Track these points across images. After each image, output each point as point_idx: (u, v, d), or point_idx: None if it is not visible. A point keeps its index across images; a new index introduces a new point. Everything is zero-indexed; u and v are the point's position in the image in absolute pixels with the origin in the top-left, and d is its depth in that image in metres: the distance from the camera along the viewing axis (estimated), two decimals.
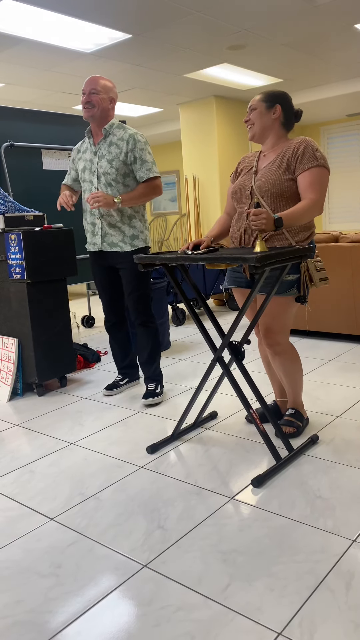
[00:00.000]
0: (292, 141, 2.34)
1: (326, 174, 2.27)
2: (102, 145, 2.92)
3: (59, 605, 1.49)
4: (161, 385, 3.14)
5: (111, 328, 3.23)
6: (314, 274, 2.32)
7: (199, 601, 1.47)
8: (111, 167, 2.87)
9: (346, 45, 5.35)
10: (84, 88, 2.86)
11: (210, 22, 4.49)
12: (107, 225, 2.96)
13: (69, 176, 3.16)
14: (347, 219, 8.99)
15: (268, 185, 2.30)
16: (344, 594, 1.46)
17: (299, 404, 2.58)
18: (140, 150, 2.88)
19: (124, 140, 2.89)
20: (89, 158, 2.96)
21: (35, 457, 2.45)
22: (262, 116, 2.35)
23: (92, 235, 3.04)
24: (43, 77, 5.78)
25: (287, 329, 2.43)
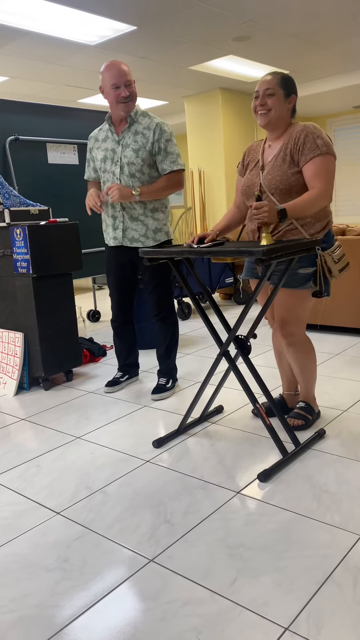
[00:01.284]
0: (293, 130, 2.27)
1: (331, 160, 2.20)
2: (127, 134, 2.79)
3: (65, 599, 1.49)
4: (173, 380, 3.14)
5: (119, 327, 3.17)
6: (332, 266, 2.28)
7: (205, 596, 1.47)
8: (137, 157, 2.76)
9: (353, 36, 5.29)
10: (116, 81, 2.69)
11: (215, 13, 4.44)
12: (129, 218, 2.85)
13: (89, 168, 3.02)
14: (354, 211, 8.93)
15: (275, 182, 2.25)
16: (351, 588, 1.45)
17: (311, 397, 2.57)
18: (166, 140, 2.78)
19: (151, 129, 2.78)
20: (110, 147, 2.83)
21: (41, 452, 2.45)
22: (280, 104, 2.25)
23: (112, 229, 2.92)
24: (47, 70, 5.75)
25: (303, 321, 2.41)
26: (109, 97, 2.75)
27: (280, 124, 2.30)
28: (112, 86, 2.71)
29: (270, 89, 2.23)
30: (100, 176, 2.93)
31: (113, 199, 2.70)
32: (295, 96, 2.29)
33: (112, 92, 2.72)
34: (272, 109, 2.24)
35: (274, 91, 2.23)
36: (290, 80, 2.28)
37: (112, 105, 2.77)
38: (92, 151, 2.96)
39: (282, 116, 2.27)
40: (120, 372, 3.30)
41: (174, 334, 3.08)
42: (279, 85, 2.23)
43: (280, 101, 2.24)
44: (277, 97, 2.23)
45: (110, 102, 2.78)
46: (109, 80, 2.71)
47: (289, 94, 2.26)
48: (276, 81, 2.24)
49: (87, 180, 3.07)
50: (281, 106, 2.25)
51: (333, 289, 4.05)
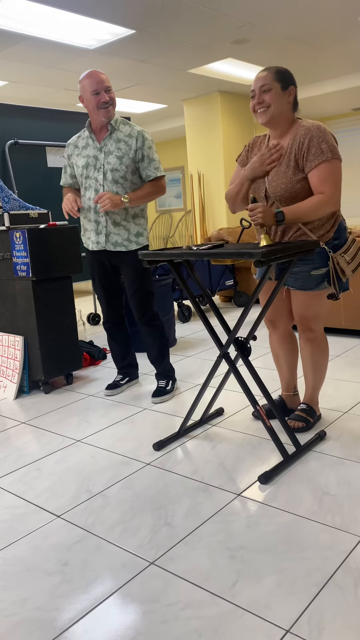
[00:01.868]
0: (297, 130, 2.20)
1: (337, 165, 2.15)
2: (108, 141, 2.85)
3: (66, 602, 1.49)
4: (172, 381, 3.14)
5: (111, 328, 3.21)
6: (345, 267, 2.27)
7: (206, 598, 1.46)
8: (121, 164, 2.81)
9: (351, 39, 5.31)
10: (96, 87, 2.74)
11: (214, 16, 4.46)
12: (112, 223, 2.90)
13: (65, 174, 3.05)
14: (354, 213, 8.94)
15: (280, 190, 2.22)
16: (352, 590, 1.45)
17: (315, 400, 2.57)
18: (148, 148, 2.85)
19: (133, 137, 2.84)
20: (92, 154, 2.88)
21: (41, 455, 2.45)
22: (279, 98, 2.17)
23: (95, 233, 2.95)
24: (46, 74, 5.77)
25: (321, 317, 2.42)
26: (90, 104, 2.80)
27: (283, 120, 2.23)
28: (92, 92, 2.76)
29: (265, 84, 2.17)
30: (80, 182, 2.96)
31: (105, 208, 2.73)
32: (294, 87, 2.21)
33: (93, 99, 2.77)
34: (270, 105, 2.18)
35: (270, 86, 2.16)
36: (285, 72, 2.20)
37: (92, 112, 2.82)
38: (72, 158, 2.99)
39: (282, 110, 2.20)
40: (120, 375, 3.30)
41: (163, 335, 3.09)
42: (274, 79, 2.17)
43: (278, 95, 2.17)
44: (274, 91, 2.17)
45: (90, 109, 2.82)
46: (89, 87, 2.76)
47: (287, 86, 2.19)
48: (271, 75, 2.17)
49: (63, 186, 3.10)
50: (280, 100, 2.18)
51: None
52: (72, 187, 3.07)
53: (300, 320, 2.42)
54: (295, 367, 2.65)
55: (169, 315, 4.20)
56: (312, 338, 2.43)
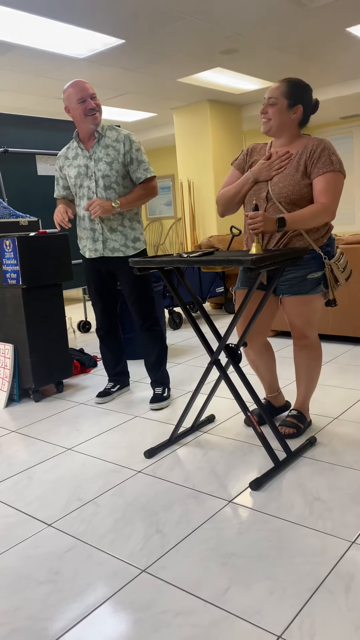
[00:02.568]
0: (308, 142, 2.27)
1: (341, 179, 2.22)
2: (97, 148, 2.86)
3: (57, 611, 1.48)
4: (168, 389, 3.15)
5: (104, 336, 3.20)
6: (339, 275, 2.31)
7: (198, 605, 1.46)
8: (111, 170, 2.83)
9: (339, 49, 5.38)
10: (81, 95, 2.76)
11: (203, 26, 4.51)
12: (108, 230, 2.90)
13: (58, 186, 3.07)
14: (342, 221, 9.02)
15: (287, 191, 2.24)
16: (343, 595, 1.46)
17: (306, 407, 2.59)
18: (136, 150, 2.86)
19: (120, 141, 2.85)
20: (83, 163, 2.89)
21: (32, 463, 2.43)
22: (281, 114, 2.26)
23: (92, 241, 2.95)
24: (36, 83, 5.79)
25: (315, 324, 2.43)
26: (76, 113, 2.81)
27: (282, 133, 2.30)
28: (78, 100, 2.77)
29: (273, 97, 2.25)
30: (74, 192, 2.97)
31: (95, 215, 2.74)
32: (303, 106, 2.26)
33: (79, 107, 2.78)
34: (271, 119, 2.27)
35: (276, 101, 2.24)
36: (299, 88, 2.26)
37: (80, 121, 2.83)
38: (63, 169, 3.00)
39: (283, 126, 2.28)
40: (111, 383, 3.30)
41: (162, 342, 3.09)
42: (283, 94, 2.24)
43: (282, 111, 2.25)
44: (278, 107, 2.24)
45: (77, 118, 2.83)
46: (74, 95, 2.78)
47: (294, 104, 2.25)
48: (282, 89, 2.24)
49: (57, 198, 3.10)
50: (281, 116, 2.26)
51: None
52: (65, 199, 3.08)
53: (294, 328, 2.43)
54: (275, 370, 2.68)
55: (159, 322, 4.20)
56: (307, 344, 2.45)
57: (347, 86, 6.80)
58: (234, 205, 2.44)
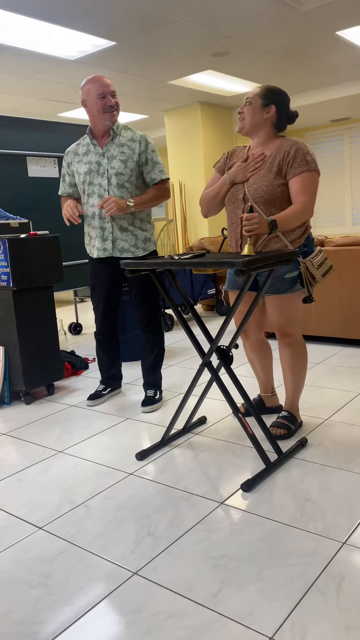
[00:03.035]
0: (282, 144, 2.34)
1: (316, 177, 2.29)
2: (111, 146, 2.81)
3: (48, 615, 1.48)
4: (160, 391, 3.14)
5: (103, 339, 3.15)
6: (314, 272, 2.36)
7: (190, 607, 1.46)
8: (126, 168, 2.78)
9: (329, 52, 5.42)
10: (102, 90, 2.72)
11: (194, 29, 4.52)
12: (118, 229, 2.84)
13: (64, 183, 3.00)
14: (332, 223, 9.07)
15: (261, 191, 2.31)
16: (334, 596, 1.46)
17: (295, 407, 2.61)
18: (152, 151, 2.84)
19: (136, 140, 2.82)
20: (94, 160, 2.83)
21: (23, 466, 2.42)
22: (255, 112, 2.35)
23: (101, 240, 2.88)
24: (27, 84, 5.77)
25: (297, 321, 2.49)
26: (94, 108, 2.76)
27: (256, 131, 2.39)
28: (98, 96, 2.72)
29: (249, 98, 2.36)
30: (82, 190, 2.91)
31: (110, 212, 2.67)
32: (276, 107, 2.35)
33: (99, 102, 2.73)
34: (245, 117, 2.37)
35: (252, 100, 2.35)
36: (275, 92, 2.36)
37: (97, 116, 2.77)
38: (72, 165, 2.94)
39: (256, 124, 2.36)
40: (103, 385, 3.28)
41: (161, 346, 3.08)
42: (259, 95, 2.35)
43: (256, 110, 2.35)
44: (253, 106, 2.35)
45: (94, 114, 2.78)
46: (95, 90, 2.73)
47: (268, 104, 2.34)
48: (259, 91, 2.36)
49: (62, 195, 3.05)
50: (255, 114, 2.35)
51: (315, 298, 4.10)
52: (71, 197, 3.01)
53: (277, 326, 2.48)
54: (270, 370, 2.75)
55: None
56: (290, 342, 2.50)
57: (337, 89, 6.85)
58: (215, 206, 2.53)
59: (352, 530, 1.75)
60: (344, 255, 3.92)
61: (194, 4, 3.99)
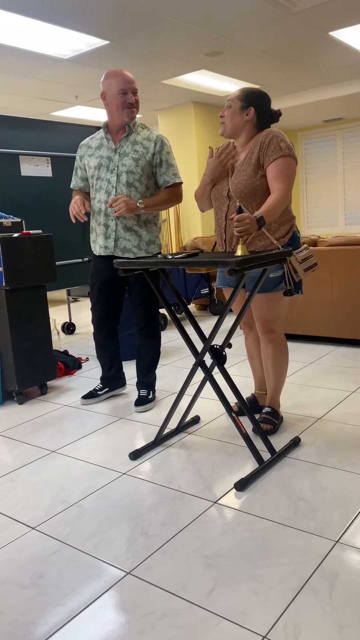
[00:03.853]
0: (259, 136, 2.36)
1: (292, 163, 2.30)
2: (124, 142, 2.76)
3: (41, 615, 1.47)
4: (153, 391, 3.12)
5: (103, 341, 3.09)
6: (297, 266, 2.37)
7: (183, 607, 1.46)
8: (137, 166, 2.73)
9: (322, 53, 5.43)
10: (124, 86, 2.66)
11: (188, 28, 4.52)
12: (122, 228, 2.79)
13: (76, 177, 2.95)
14: (325, 223, 9.10)
15: (241, 186, 2.35)
16: (327, 595, 1.47)
17: (277, 403, 2.65)
18: (167, 153, 2.79)
19: (152, 140, 2.77)
20: (106, 155, 2.78)
21: (16, 466, 2.41)
22: (234, 115, 2.38)
23: (104, 237, 2.82)
24: (21, 83, 5.74)
25: (281, 318, 2.52)
26: (113, 102, 2.70)
27: (237, 133, 2.41)
28: (119, 91, 2.67)
29: (229, 101, 2.39)
30: (91, 184, 2.86)
31: (119, 212, 2.61)
32: (255, 108, 2.36)
33: (119, 97, 2.68)
34: (225, 121, 2.40)
35: (231, 103, 2.38)
36: (253, 94, 2.38)
37: (115, 111, 2.72)
38: (84, 159, 2.88)
39: (236, 126, 2.39)
40: (100, 384, 3.25)
41: (157, 348, 3.06)
42: (238, 98, 2.37)
43: (235, 113, 2.37)
44: (232, 109, 2.38)
45: (112, 109, 2.72)
46: (116, 85, 2.67)
47: (247, 106, 2.37)
48: (238, 94, 2.38)
49: (73, 189, 3.00)
50: (234, 117, 2.38)
51: (306, 299, 4.11)
52: (82, 190, 2.97)
53: (261, 323, 2.51)
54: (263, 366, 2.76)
55: None
56: (273, 339, 2.53)
57: (330, 90, 6.87)
58: (205, 202, 2.57)
59: (345, 528, 1.76)
60: (337, 255, 3.94)
61: (188, 3, 3.99)
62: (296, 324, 4.24)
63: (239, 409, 2.75)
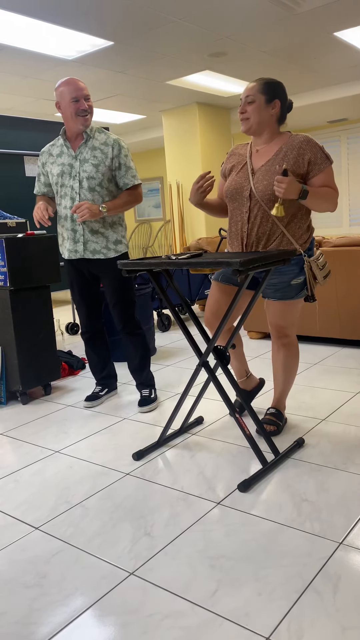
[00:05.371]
0: (291, 138, 2.28)
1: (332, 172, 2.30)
2: (84, 149, 2.83)
3: (44, 616, 1.47)
4: (154, 389, 3.13)
5: (90, 339, 3.16)
6: (317, 272, 2.35)
7: (186, 608, 1.46)
8: (97, 172, 2.79)
9: (326, 53, 5.43)
10: (75, 94, 2.72)
11: (192, 29, 4.52)
12: (89, 231, 2.87)
13: (39, 183, 3.03)
14: (329, 224, 9.08)
15: (271, 188, 2.24)
16: (331, 596, 1.46)
17: (283, 405, 2.64)
18: (124, 156, 2.84)
19: (109, 145, 2.83)
20: (67, 162, 2.85)
21: (19, 466, 2.41)
22: (260, 110, 2.27)
23: (72, 242, 2.91)
24: (25, 84, 5.76)
25: (295, 323, 2.52)
26: (67, 111, 2.77)
27: (263, 130, 2.31)
28: (71, 99, 2.73)
29: (250, 95, 2.26)
30: (55, 191, 2.93)
31: (83, 218, 2.70)
32: (280, 101, 2.28)
33: (72, 105, 2.74)
34: (250, 117, 2.28)
35: (254, 98, 2.26)
36: (275, 85, 2.28)
37: (70, 119, 2.79)
38: (46, 166, 2.96)
39: (262, 122, 2.29)
40: (99, 387, 3.27)
41: (144, 344, 3.07)
42: (259, 91, 2.25)
43: (260, 108, 2.26)
44: (257, 104, 2.26)
45: (67, 117, 2.79)
46: (68, 94, 2.74)
47: (272, 99, 2.26)
48: (258, 87, 2.26)
49: (37, 194, 3.07)
50: (261, 112, 2.27)
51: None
52: (46, 196, 3.05)
53: (277, 328, 2.49)
54: (242, 355, 2.75)
55: (148, 324, 4.20)
56: (286, 343, 2.52)
57: (335, 90, 6.86)
58: (213, 213, 2.55)
59: (349, 530, 1.75)
60: (341, 255, 3.93)
61: (192, 4, 3.99)
62: (300, 325, 4.23)
63: (240, 406, 2.75)
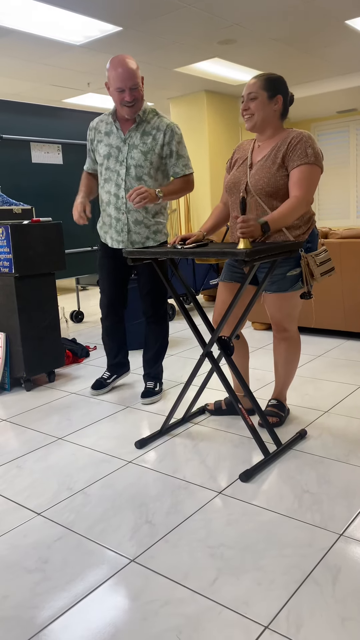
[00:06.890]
0: (288, 134, 2.27)
1: (316, 171, 2.22)
2: (134, 133, 2.69)
3: (45, 600, 1.49)
4: (160, 383, 3.12)
5: (110, 326, 3.11)
6: (314, 269, 2.31)
7: (186, 595, 1.47)
8: (146, 160, 2.68)
9: (337, 42, 5.35)
10: (121, 84, 2.54)
11: (201, 15, 4.46)
12: (134, 222, 2.78)
13: (89, 159, 2.91)
14: (336, 215, 9.03)
15: (262, 183, 2.25)
16: (330, 587, 1.47)
17: (284, 396, 2.65)
18: (177, 143, 2.71)
19: (161, 130, 2.69)
20: (115, 144, 2.72)
21: (22, 452, 2.43)
22: (264, 107, 2.25)
23: (115, 231, 2.82)
24: (32, 69, 5.72)
25: (295, 317, 2.50)
26: (113, 96, 2.63)
27: (267, 126, 2.30)
28: (117, 89, 2.58)
29: (252, 92, 2.24)
30: (99, 172, 2.83)
31: (140, 206, 2.54)
32: (282, 96, 2.27)
33: (116, 94, 2.60)
34: (254, 113, 2.26)
35: (256, 94, 2.24)
36: (276, 80, 2.26)
37: (116, 104, 2.66)
38: (94, 143, 2.83)
39: (266, 118, 2.28)
40: (108, 373, 3.25)
41: (165, 338, 3.05)
42: (262, 87, 2.24)
43: (264, 104, 2.25)
44: (260, 100, 2.24)
45: (114, 101, 2.66)
46: (113, 81, 2.58)
47: (274, 95, 2.25)
48: (260, 84, 2.24)
49: (86, 171, 2.98)
50: (264, 108, 2.26)
51: (316, 291, 4.09)
52: (93, 175, 2.95)
53: (275, 321, 2.49)
54: (246, 369, 2.66)
55: None
56: (287, 337, 2.51)
57: (345, 80, 6.78)
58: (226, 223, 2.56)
59: (350, 522, 1.76)
60: (347, 247, 3.90)
61: None
62: (304, 317, 4.22)
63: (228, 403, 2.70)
